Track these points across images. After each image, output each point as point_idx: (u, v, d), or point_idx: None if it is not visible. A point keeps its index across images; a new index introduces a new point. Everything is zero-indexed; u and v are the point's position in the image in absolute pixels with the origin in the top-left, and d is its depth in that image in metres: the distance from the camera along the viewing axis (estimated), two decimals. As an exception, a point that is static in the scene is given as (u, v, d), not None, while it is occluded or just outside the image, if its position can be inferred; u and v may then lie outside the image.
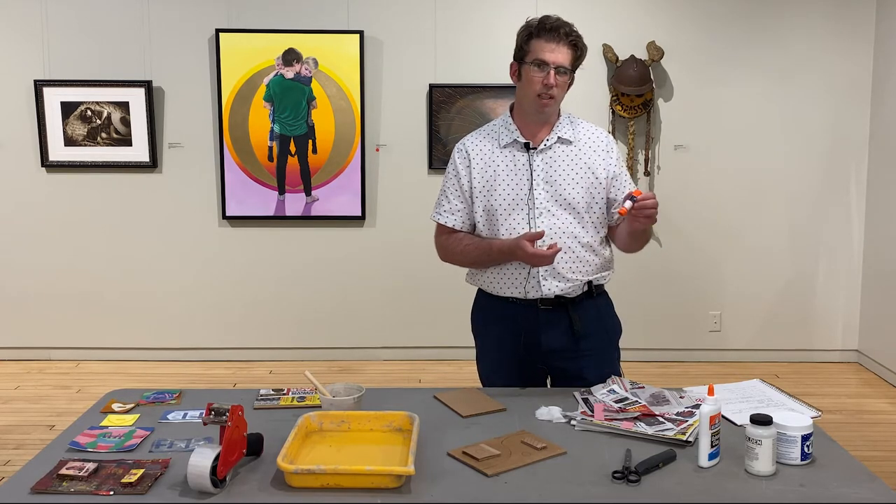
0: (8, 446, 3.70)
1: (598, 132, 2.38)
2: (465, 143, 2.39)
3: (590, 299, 2.33)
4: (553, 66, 2.22)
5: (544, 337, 2.31)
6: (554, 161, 2.30)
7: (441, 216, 2.39)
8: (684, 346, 4.90)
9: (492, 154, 2.33)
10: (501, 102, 4.71)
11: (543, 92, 2.23)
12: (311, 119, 4.74)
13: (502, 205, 2.29)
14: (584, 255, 2.30)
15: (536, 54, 2.23)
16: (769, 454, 1.70)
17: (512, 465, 1.74)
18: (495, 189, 2.30)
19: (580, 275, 2.30)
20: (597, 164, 2.31)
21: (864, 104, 4.83)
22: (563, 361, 2.32)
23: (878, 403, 4.32)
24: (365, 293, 4.95)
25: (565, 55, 2.24)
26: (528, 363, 2.35)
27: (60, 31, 4.71)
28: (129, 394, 2.22)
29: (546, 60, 2.22)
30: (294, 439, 1.76)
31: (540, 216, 2.27)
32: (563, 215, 2.28)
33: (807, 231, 4.93)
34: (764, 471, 1.70)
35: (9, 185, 4.84)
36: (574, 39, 2.26)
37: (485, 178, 2.32)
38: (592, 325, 2.33)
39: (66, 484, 1.66)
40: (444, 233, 2.41)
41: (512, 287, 2.31)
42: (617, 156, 2.36)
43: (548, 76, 2.22)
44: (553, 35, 2.23)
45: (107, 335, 4.96)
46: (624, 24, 4.74)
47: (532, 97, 2.25)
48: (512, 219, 2.29)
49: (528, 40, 2.26)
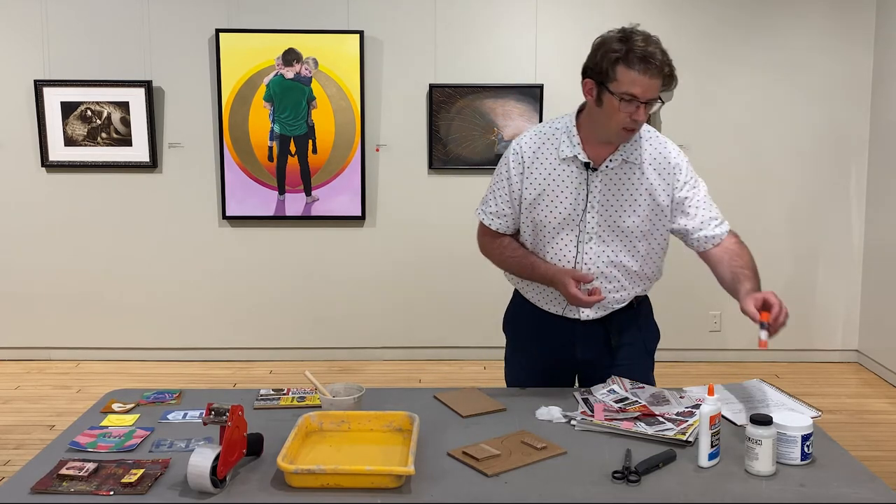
0: (8, 446, 3.70)
1: (665, 150, 2.16)
2: (522, 146, 2.19)
3: (630, 310, 2.25)
4: (644, 100, 1.99)
5: (579, 348, 2.26)
6: (613, 184, 2.12)
7: (486, 217, 2.27)
8: (684, 346, 4.90)
9: (549, 165, 2.15)
10: (501, 102, 4.71)
11: (630, 126, 2.02)
12: (311, 119, 4.74)
13: (551, 223, 2.15)
14: (629, 283, 2.20)
15: (626, 87, 1.97)
16: (769, 454, 1.70)
17: (512, 465, 1.74)
18: (546, 205, 2.15)
19: (622, 301, 2.22)
20: (659, 188, 2.13)
21: (864, 104, 4.83)
22: (596, 371, 2.26)
23: (878, 403, 4.32)
24: (365, 293, 4.95)
25: (658, 87, 2.00)
26: (559, 370, 2.31)
27: (60, 31, 4.71)
28: (129, 394, 2.22)
29: (637, 96, 1.98)
30: (294, 439, 1.76)
31: (589, 241, 2.14)
32: (614, 242, 2.14)
33: (807, 231, 4.94)
34: (764, 471, 1.70)
35: (9, 185, 4.84)
36: (669, 69, 2.00)
37: (537, 192, 2.15)
38: (629, 336, 2.27)
39: (66, 484, 1.66)
40: (487, 233, 2.30)
41: (551, 304, 2.24)
42: (686, 176, 2.14)
43: (637, 111, 1.99)
44: (646, 66, 1.96)
45: (107, 335, 4.96)
46: (624, 24, 4.71)
47: (615, 129, 2.04)
48: (559, 239, 2.16)
49: (614, 65, 1.99)
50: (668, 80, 2.00)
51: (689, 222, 2.16)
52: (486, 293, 4.78)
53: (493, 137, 4.74)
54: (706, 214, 2.15)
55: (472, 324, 4.90)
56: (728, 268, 2.11)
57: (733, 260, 2.12)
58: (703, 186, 2.19)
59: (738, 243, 2.17)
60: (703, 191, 2.17)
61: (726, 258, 2.13)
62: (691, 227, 2.16)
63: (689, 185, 2.15)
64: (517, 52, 4.75)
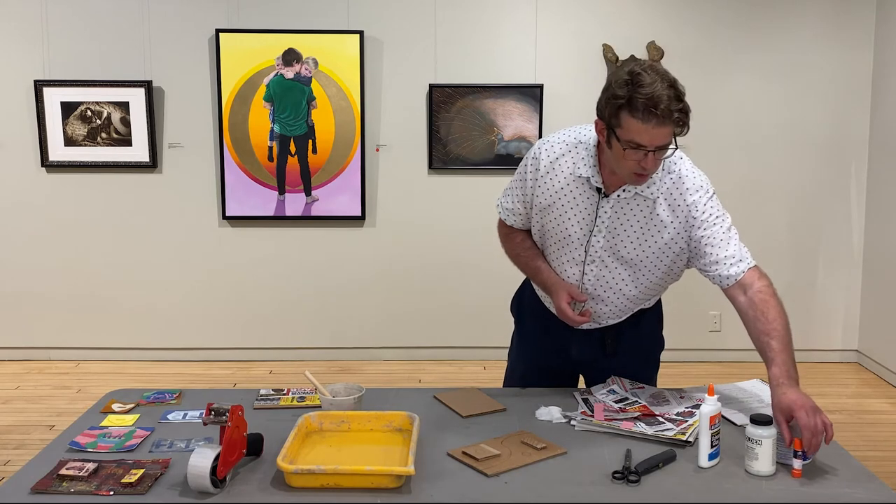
0: (8, 446, 3.70)
1: (682, 186, 2.00)
2: (543, 152, 2.10)
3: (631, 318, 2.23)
4: (651, 148, 1.85)
5: (575, 349, 2.27)
6: (623, 213, 2.03)
7: (502, 211, 2.26)
8: (684, 346, 4.90)
9: (563, 179, 2.07)
10: (501, 102, 4.71)
11: (640, 171, 1.90)
12: (311, 119, 4.74)
13: (557, 236, 2.12)
14: (627, 305, 2.17)
15: (631, 136, 1.84)
16: (769, 454, 1.70)
17: (512, 465, 1.74)
18: (555, 217, 2.10)
19: (617, 319, 2.21)
20: (671, 226, 2.01)
21: (864, 104, 4.83)
22: (594, 372, 2.28)
23: (878, 403, 4.32)
24: (365, 293, 4.95)
25: (667, 134, 1.84)
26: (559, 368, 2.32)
27: (60, 31, 4.70)
28: (129, 394, 2.22)
29: (643, 144, 1.84)
30: (294, 439, 1.76)
31: (591, 263, 2.10)
32: (616, 269, 2.09)
33: (807, 231, 4.93)
34: (764, 471, 1.70)
35: (9, 185, 4.84)
36: (679, 116, 1.82)
37: (547, 201, 2.10)
38: (627, 344, 2.25)
39: (66, 484, 1.66)
40: (503, 226, 2.30)
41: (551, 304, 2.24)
42: (703, 216, 1.99)
43: (646, 159, 1.86)
44: (650, 115, 1.80)
45: (107, 335, 4.95)
46: (624, 24, 4.74)
47: (625, 173, 1.93)
48: (563, 255, 2.13)
49: (618, 112, 1.84)
50: (680, 126, 1.84)
51: (704, 261, 2.02)
52: (486, 293, 4.78)
53: (493, 137, 4.74)
54: (721, 253, 1.99)
55: (472, 324, 4.90)
56: (754, 330, 1.93)
57: (758, 321, 1.92)
58: (725, 222, 2.02)
59: (763, 292, 1.95)
60: (722, 227, 2.01)
61: (751, 314, 1.94)
62: (706, 265, 2.02)
63: (708, 223, 2.00)
64: (517, 52, 4.75)
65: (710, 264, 2.01)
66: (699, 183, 2.03)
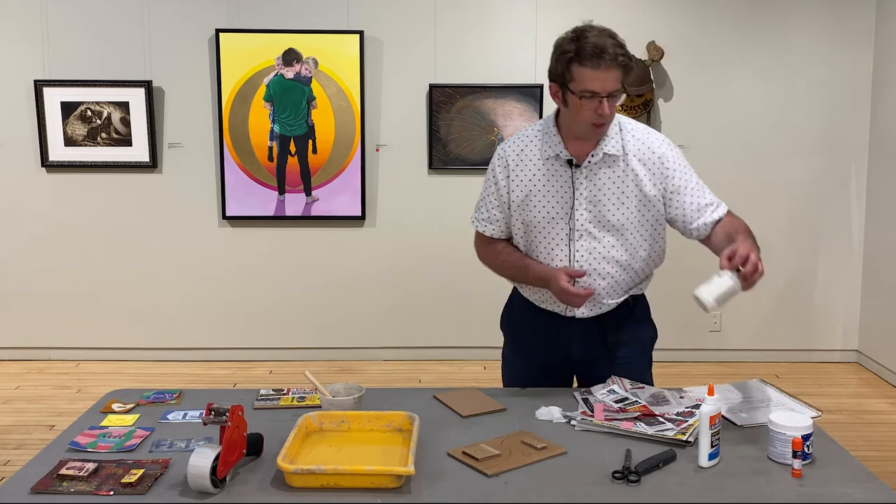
0: (8, 446, 3.70)
1: (649, 141, 2.15)
2: (506, 150, 2.22)
3: (626, 308, 2.26)
4: (605, 94, 2.00)
5: (576, 346, 2.26)
6: (599, 179, 2.12)
7: (479, 224, 2.30)
8: (684, 346, 4.90)
9: (533, 166, 2.17)
10: (501, 102, 4.71)
11: (598, 121, 2.04)
12: (311, 119, 4.74)
13: (541, 222, 2.17)
14: (625, 277, 2.19)
15: (584, 85, 1.99)
16: (720, 289, 1.85)
17: (512, 465, 1.74)
18: (535, 205, 2.17)
19: (618, 297, 2.22)
20: (647, 180, 2.12)
21: (864, 104, 4.83)
22: (594, 369, 2.27)
23: (878, 403, 4.32)
24: (365, 293, 4.95)
25: (615, 78, 1.99)
26: (557, 369, 2.31)
27: (60, 31, 4.70)
28: (129, 394, 2.22)
29: (596, 91, 1.99)
30: (294, 439, 1.76)
31: (580, 238, 2.15)
32: (605, 238, 2.14)
33: (807, 231, 4.93)
34: (705, 296, 1.85)
35: (9, 185, 4.84)
36: (623, 60, 1.99)
37: (524, 192, 2.17)
38: (627, 335, 2.27)
39: (66, 484, 1.66)
40: (482, 240, 2.33)
41: (548, 303, 2.25)
42: (674, 166, 2.14)
43: (601, 106, 2.00)
44: (599, 61, 1.97)
45: (107, 335, 4.96)
46: (624, 24, 4.69)
47: (585, 125, 2.06)
48: (550, 238, 2.17)
49: (569, 66, 2.01)
50: (626, 70, 2.00)
51: (684, 212, 2.15)
52: (486, 293, 4.77)
53: (493, 137, 4.74)
54: (701, 202, 2.15)
55: (472, 324, 4.90)
56: (724, 235, 2.11)
57: (728, 228, 2.12)
58: (693, 171, 2.18)
59: (734, 216, 2.18)
60: (694, 178, 2.17)
61: (721, 231, 2.13)
62: (688, 217, 2.15)
63: (679, 173, 2.14)
64: (517, 52, 4.74)
65: (693, 212, 2.14)
66: (660, 137, 2.18)
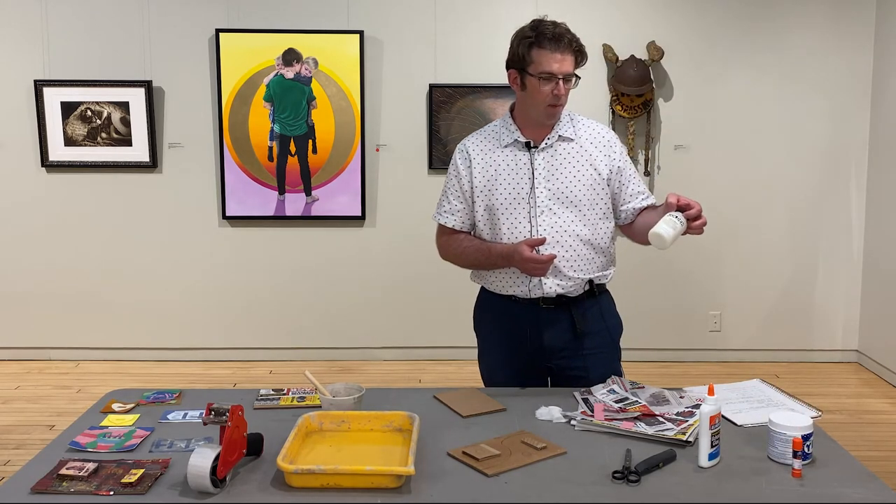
0: (8, 446, 3.70)
1: (598, 128, 2.36)
2: (466, 143, 2.39)
3: (591, 298, 2.33)
4: (561, 76, 2.20)
5: (546, 335, 2.31)
6: (555, 159, 2.29)
7: (441, 216, 2.41)
8: (684, 346, 4.90)
9: (493, 153, 2.33)
10: (501, 102, 4.71)
11: (554, 102, 2.23)
12: (311, 119, 4.74)
13: (503, 203, 2.29)
14: (586, 252, 2.29)
15: (542, 67, 2.19)
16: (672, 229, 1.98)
17: (512, 465, 1.74)
18: (496, 188, 2.30)
19: (582, 273, 2.29)
20: (598, 159, 2.30)
21: (864, 104, 4.83)
22: (564, 360, 2.33)
23: (878, 403, 4.32)
24: (365, 293, 4.95)
25: (570, 63, 2.22)
26: (529, 362, 2.35)
27: (60, 31, 4.70)
28: (129, 394, 2.22)
29: (554, 72, 2.19)
30: (294, 439, 1.76)
31: (541, 214, 2.27)
32: (564, 213, 2.27)
33: (807, 231, 4.93)
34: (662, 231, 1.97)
35: (9, 185, 4.84)
36: (577, 46, 2.23)
37: (486, 178, 2.32)
38: (594, 324, 2.33)
39: (66, 484, 1.66)
40: (444, 233, 2.43)
41: (514, 286, 2.31)
42: (620, 150, 2.35)
43: (557, 87, 2.20)
44: (557, 45, 2.19)
45: (107, 335, 4.96)
46: (624, 24, 4.74)
47: (541, 108, 2.24)
48: (513, 217, 2.28)
49: (529, 49, 2.21)
50: (580, 57, 2.22)
51: (622, 192, 2.33)
52: (486, 293, 4.78)
53: (493, 137, 4.74)
54: (636, 188, 2.34)
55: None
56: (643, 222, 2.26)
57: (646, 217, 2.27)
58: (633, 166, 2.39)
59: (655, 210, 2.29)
60: (634, 168, 2.38)
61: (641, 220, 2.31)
62: (623, 197, 2.33)
63: (624, 158, 2.34)
64: (517, 52, 4.74)
65: (627, 195, 2.33)
66: (605, 126, 2.40)
